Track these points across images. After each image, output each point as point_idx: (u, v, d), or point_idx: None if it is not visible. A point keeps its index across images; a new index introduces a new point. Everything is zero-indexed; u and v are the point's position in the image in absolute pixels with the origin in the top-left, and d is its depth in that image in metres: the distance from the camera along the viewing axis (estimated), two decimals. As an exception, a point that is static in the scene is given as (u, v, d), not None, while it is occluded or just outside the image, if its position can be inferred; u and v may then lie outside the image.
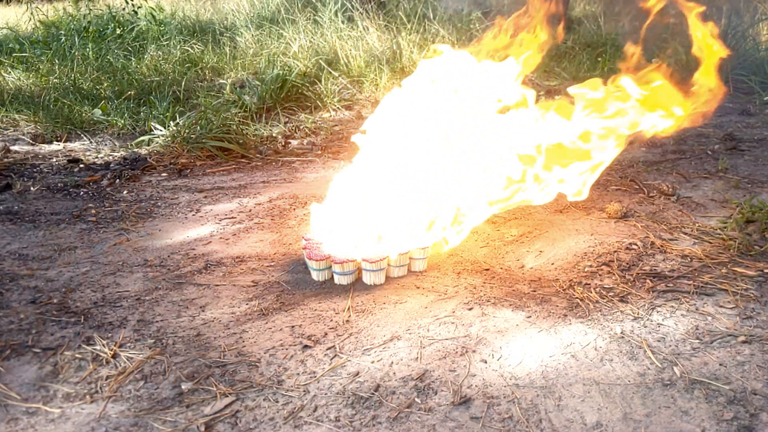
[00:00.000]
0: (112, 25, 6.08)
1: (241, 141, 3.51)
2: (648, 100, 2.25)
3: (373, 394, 1.43)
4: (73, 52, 5.08)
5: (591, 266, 2.02)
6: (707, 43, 2.31)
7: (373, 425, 1.33)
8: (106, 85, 4.62)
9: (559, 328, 1.67)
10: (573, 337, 1.62)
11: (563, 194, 2.27)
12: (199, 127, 3.49)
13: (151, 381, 1.49)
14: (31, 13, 6.68)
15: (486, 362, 1.53)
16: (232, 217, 2.57)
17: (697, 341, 1.59)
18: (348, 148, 3.61)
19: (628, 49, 2.47)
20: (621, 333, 1.64)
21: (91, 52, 5.06)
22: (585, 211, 2.50)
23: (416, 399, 1.40)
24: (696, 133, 3.61)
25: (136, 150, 3.54)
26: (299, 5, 6.32)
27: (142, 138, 3.62)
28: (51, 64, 4.94)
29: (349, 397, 1.42)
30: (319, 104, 4.45)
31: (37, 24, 6.50)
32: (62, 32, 5.79)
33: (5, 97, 4.34)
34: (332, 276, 1.97)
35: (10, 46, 5.65)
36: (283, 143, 3.68)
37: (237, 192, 2.89)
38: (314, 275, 1.99)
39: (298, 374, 1.51)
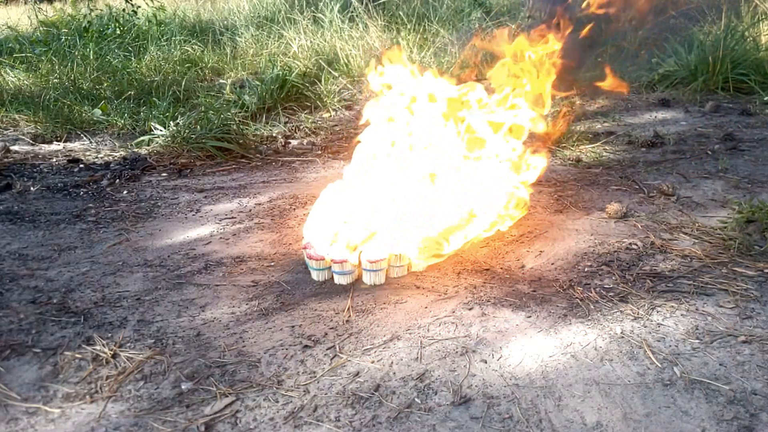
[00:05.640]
0: (113, 25, 6.09)
1: (241, 141, 3.51)
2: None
3: (373, 394, 1.43)
4: (73, 52, 5.09)
5: (591, 266, 2.02)
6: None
7: (373, 425, 1.33)
8: (106, 85, 4.62)
9: (559, 328, 1.67)
10: (573, 337, 1.62)
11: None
12: (199, 127, 3.49)
13: (151, 381, 1.49)
14: (35, 14, 6.68)
15: (486, 362, 1.53)
16: (232, 217, 2.57)
17: (697, 341, 1.59)
18: (348, 147, 3.61)
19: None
20: (621, 333, 1.64)
21: (91, 52, 5.06)
22: (585, 211, 2.50)
23: (416, 399, 1.40)
24: (696, 133, 3.61)
25: (136, 150, 3.54)
26: (299, 5, 6.32)
27: (142, 138, 3.62)
28: (51, 64, 4.94)
29: (349, 397, 1.42)
30: (319, 104, 4.45)
31: (38, 24, 6.50)
32: (62, 32, 5.79)
33: (5, 97, 4.35)
34: (332, 276, 1.97)
35: (10, 46, 5.66)
36: (283, 143, 3.68)
37: (237, 192, 2.89)
38: (314, 275, 1.99)
39: (298, 374, 1.51)
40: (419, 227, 2.03)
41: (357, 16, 5.75)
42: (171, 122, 3.67)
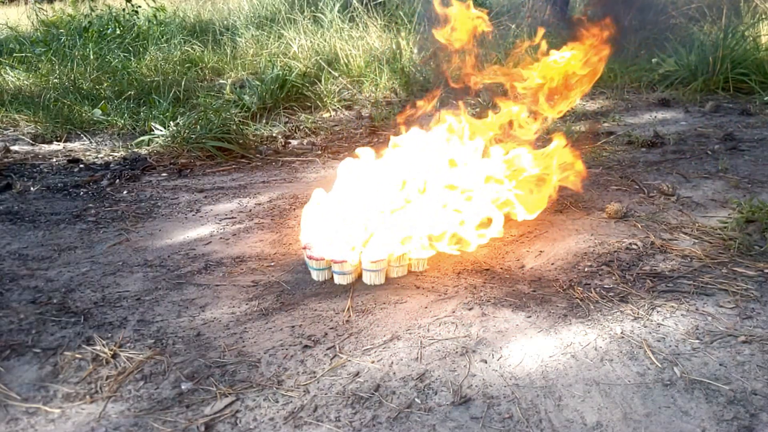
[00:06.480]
0: (113, 25, 6.09)
1: (241, 141, 3.51)
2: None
3: (373, 394, 1.43)
4: (73, 52, 5.09)
5: (591, 266, 2.02)
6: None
7: (373, 425, 1.33)
8: (106, 85, 4.62)
9: (559, 329, 1.67)
10: (573, 338, 1.62)
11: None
12: (199, 127, 3.49)
13: (151, 381, 1.49)
14: (36, 14, 6.69)
15: (486, 362, 1.53)
16: (232, 217, 2.57)
17: (697, 341, 1.59)
18: (348, 148, 3.61)
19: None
20: (621, 333, 1.64)
21: (91, 52, 5.06)
22: (585, 211, 2.50)
23: (416, 399, 1.40)
24: (696, 133, 3.61)
25: (136, 150, 3.55)
26: (299, 5, 6.32)
27: (142, 138, 3.62)
28: (51, 64, 4.95)
29: (349, 397, 1.42)
30: (319, 104, 4.45)
31: (38, 24, 6.51)
32: (62, 32, 5.79)
33: (5, 97, 4.35)
34: (332, 276, 1.97)
35: (10, 46, 5.66)
36: (283, 143, 3.68)
37: (237, 192, 2.89)
38: (314, 275, 1.99)
39: (298, 374, 1.51)
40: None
41: (357, 16, 5.75)
42: (171, 122, 3.67)
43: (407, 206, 2.11)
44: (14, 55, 5.23)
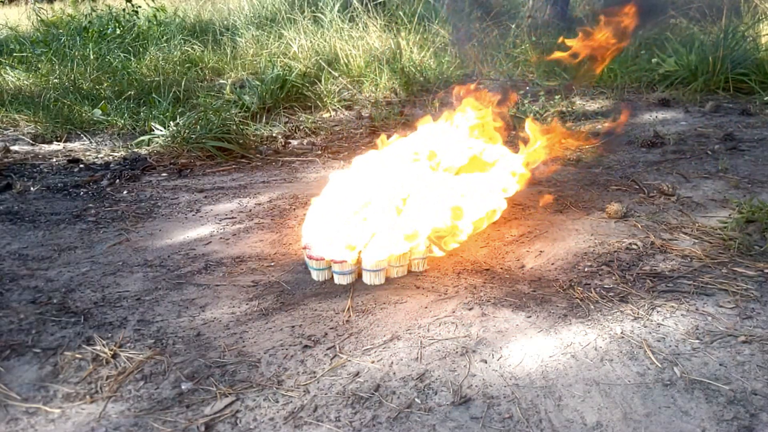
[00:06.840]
0: (113, 25, 6.09)
1: (241, 141, 3.51)
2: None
3: (373, 394, 1.43)
4: (73, 52, 5.09)
5: (591, 266, 2.02)
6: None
7: (373, 425, 1.33)
8: (106, 85, 4.62)
9: (559, 329, 1.67)
10: (573, 338, 1.62)
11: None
12: (199, 127, 3.49)
13: (151, 381, 1.49)
14: (37, 14, 6.69)
15: (486, 362, 1.53)
16: (232, 217, 2.57)
17: (697, 341, 1.59)
18: (348, 147, 3.61)
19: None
20: (621, 333, 1.64)
21: (91, 52, 5.06)
22: (585, 211, 2.50)
23: (416, 399, 1.40)
24: (696, 133, 3.61)
25: (136, 150, 3.55)
26: (299, 5, 6.32)
27: (142, 138, 3.62)
28: (51, 64, 4.95)
29: (349, 397, 1.42)
30: (319, 104, 4.45)
31: (38, 24, 6.51)
32: (62, 32, 5.79)
33: (5, 97, 4.35)
34: (332, 276, 1.97)
35: (10, 46, 5.66)
36: (283, 143, 3.68)
37: (237, 192, 2.89)
38: (314, 275, 1.99)
39: (298, 374, 1.51)
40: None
41: (357, 16, 5.76)
42: (171, 122, 3.67)
43: (412, 201, 2.11)
44: (14, 55, 5.23)
